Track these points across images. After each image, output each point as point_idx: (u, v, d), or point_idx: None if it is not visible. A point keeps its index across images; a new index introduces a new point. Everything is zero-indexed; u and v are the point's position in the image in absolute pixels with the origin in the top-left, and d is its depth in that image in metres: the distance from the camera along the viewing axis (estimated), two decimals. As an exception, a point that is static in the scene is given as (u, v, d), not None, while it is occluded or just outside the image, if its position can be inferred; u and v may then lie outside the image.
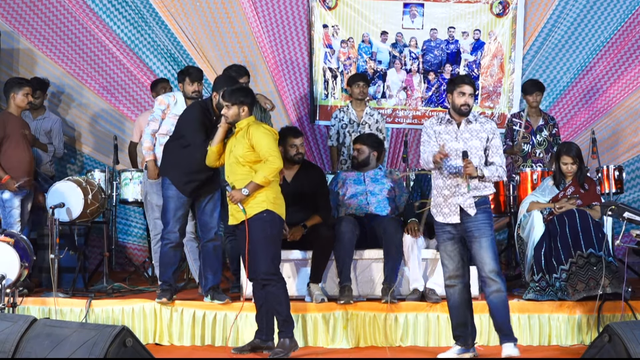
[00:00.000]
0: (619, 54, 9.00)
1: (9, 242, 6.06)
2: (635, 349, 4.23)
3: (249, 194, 5.63)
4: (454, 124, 5.53)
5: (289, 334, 5.71)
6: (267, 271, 5.66)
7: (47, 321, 4.43)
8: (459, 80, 5.56)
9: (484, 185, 5.48)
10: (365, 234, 6.62)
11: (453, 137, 5.49)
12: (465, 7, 9.08)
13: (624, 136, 8.96)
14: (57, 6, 8.87)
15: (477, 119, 5.56)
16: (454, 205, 5.47)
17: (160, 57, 8.95)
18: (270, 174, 5.62)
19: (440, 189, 5.53)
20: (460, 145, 5.45)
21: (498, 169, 5.46)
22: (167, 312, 6.34)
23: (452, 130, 5.51)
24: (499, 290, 5.45)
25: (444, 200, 5.51)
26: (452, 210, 5.48)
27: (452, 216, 5.48)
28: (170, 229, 6.27)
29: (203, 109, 6.21)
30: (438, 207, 5.55)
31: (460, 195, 5.44)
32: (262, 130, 5.71)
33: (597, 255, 6.29)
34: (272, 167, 5.62)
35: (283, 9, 9.02)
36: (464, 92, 5.45)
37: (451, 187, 5.47)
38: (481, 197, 5.48)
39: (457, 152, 5.44)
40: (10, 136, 6.97)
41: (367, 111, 8.09)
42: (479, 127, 5.50)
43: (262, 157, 5.64)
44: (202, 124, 6.16)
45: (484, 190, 5.49)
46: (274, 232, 5.70)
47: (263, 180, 5.61)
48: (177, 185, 6.24)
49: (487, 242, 5.43)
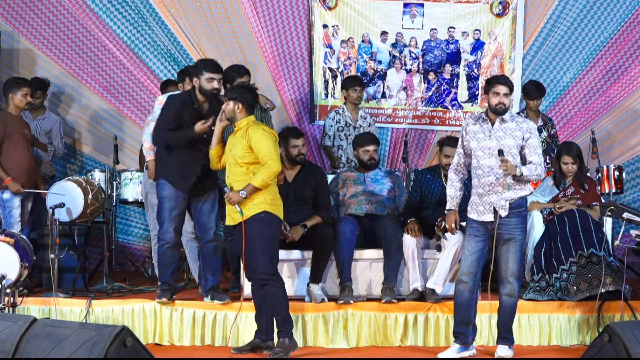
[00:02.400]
0: (619, 54, 9.00)
1: (9, 242, 6.06)
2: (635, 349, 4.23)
3: (247, 196, 5.63)
4: (489, 123, 5.60)
5: (288, 333, 5.71)
6: (265, 271, 5.66)
7: (47, 321, 4.43)
8: (494, 80, 5.65)
9: (520, 187, 5.54)
10: (365, 234, 6.63)
11: (487, 136, 5.57)
12: (465, 7, 9.08)
13: (624, 136, 8.96)
14: (57, 6, 8.87)
15: (514, 118, 5.63)
16: (489, 204, 5.55)
17: (160, 57, 8.94)
18: (268, 178, 5.62)
19: (476, 187, 5.62)
20: (493, 143, 5.53)
21: (537, 168, 5.53)
22: (167, 312, 6.34)
23: (486, 129, 5.60)
24: (512, 294, 5.62)
25: (479, 198, 5.59)
26: (487, 208, 5.56)
27: (486, 214, 5.56)
28: (165, 229, 6.23)
29: (181, 101, 6.16)
30: (473, 205, 5.64)
31: (495, 194, 5.52)
32: (261, 131, 5.69)
33: (599, 255, 6.30)
34: (270, 170, 5.61)
35: (283, 9, 9.02)
36: (498, 92, 5.54)
37: (485, 185, 5.55)
38: (517, 200, 5.54)
39: (491, 151, 5.52)
40: (10, 136, 6.98)
41: (361, 114, 8.09)
42: (514, 126, 5.57)
43: (261, 159, 5.63)
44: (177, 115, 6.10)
45: (521, 192, 5.55)
46: (271, 233, 5.70)
47: (261, 183, 5.61)
48: (173, 183, 6.19)
49: (515, 247, 5.55)
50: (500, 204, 5.51)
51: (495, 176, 5.51)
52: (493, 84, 5.58)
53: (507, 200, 5.51)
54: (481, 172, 5.58)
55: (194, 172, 6.18)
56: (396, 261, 6.42)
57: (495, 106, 5.55)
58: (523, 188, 5.56)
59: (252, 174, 5.66)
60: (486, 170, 5.55)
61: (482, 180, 5.57)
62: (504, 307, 5.68)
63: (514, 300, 5.67)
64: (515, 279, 5.60)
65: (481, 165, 5.58)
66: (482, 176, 5.57)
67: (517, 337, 6.28)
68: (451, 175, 5.78)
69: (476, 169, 5.63)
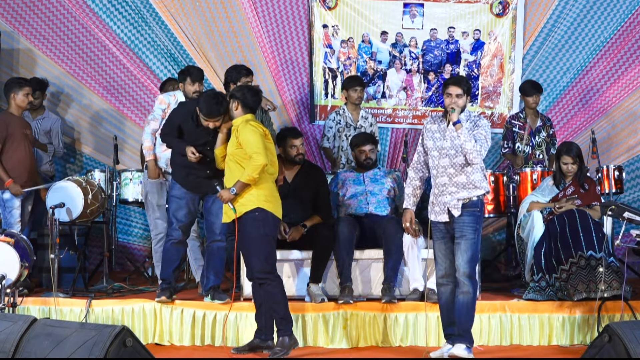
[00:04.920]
0: (619, 55, 9.00)
1: (9, 242, 6.06)
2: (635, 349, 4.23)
3: (237, 192, 5.64)
4: (445, 123, 5.62)
5: (288, 331, 5.71)
6: (261, 270, 5.66)
7: (47, 321, 4.42)
8: (446, 81, 5.70)
9: (473, 185, 5.52)
10: (365, 234, 6.62)
11: (442, 136, 5.59)
12: (465, 7, 9.08)
13: (623, 136, 8.96)
14: (57, 6, 8.87)
15: (470, 118, 5.61)
16: (443, 204, 5.54)
17: (160, 57, 8.94)
18: (254, 172, 5.60)
19: (432, 188, 5.63)
20: (448, 144, 5.54)
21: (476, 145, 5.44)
22: (167, 312, 6.34)
23: (442, 129, 5.61)
24: (466, 292, 5.52)
25: (435, 198, 5.60)
26: (442, 209, 5.56)
27: (442, 215, 5.56)
28: (173, 227, 6.33)
29: (185, 113, 6.25)
30: (431, 205, 5.65)
31: (448, 194, 5.52)
32: (249, 127, 5.69)
33: (597, 258, 6.30)
34: (255, 164, 5.60)
35: (283, 9, 9.02)
36: (450, 92, 5.56)
37: (439, 186, 5.55)
38: (470, 200, 5.52)
39: (445, 151, 5.54)
40: (11, 136, 6.98)
41: (362, 114, 8.09)
42: (469, 126, 5.57)
43: (248, 154, 5.64)
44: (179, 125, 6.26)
45: (473, 191, 5.53)
46: (266, 231, 5.68)
47: (248, 178, 5.61)
48: (178, 180, 6.31)
49: (466, 245, 5.50)
50: (453, 203, 5.51)
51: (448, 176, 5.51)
52: (445, 84, 5.63)
53: (460, 200, 5.50)
54: (436, 172, 5.58)
55: (199, 173, 6.23)
56: (396, 261, 6.42)
57: (447, 107, 5.57)
58: (477, 187, 5.51)
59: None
60: (441, 171, 5.55)
61: (437, 180, 5.57)
62: (460, 305, 5.54)
63: (470, 297, 5.52)
64: (466, 277, 5.49)
65: (436, 165, 5.58)
66: (437, 176, 5.58)
67: (517, 337, 6.29)
68: (410, 173, 5.77)
69: (432, 168, 5.63)
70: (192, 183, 6.29)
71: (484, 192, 5.58)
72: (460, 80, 5.71)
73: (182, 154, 6.20)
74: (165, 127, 6.43)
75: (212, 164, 6.14)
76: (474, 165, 5.51)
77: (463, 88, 5.56)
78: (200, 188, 6.31)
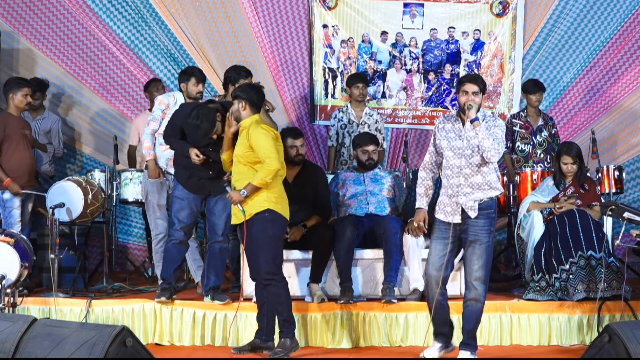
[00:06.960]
0: (619, 54, 9.00)
1: (9, 242, 6.07)
2: (635, 349, 4.23)
3: (247, 195, 5.63)
4: (460, 123, 5.54)
5: (290, 333, 5.71)
6: (268, 271, 5.66)
7: (47, 321, 4.42)
8: (461, 79, 5.59)
9: (489, 186, 5.46)
10: (365, 234, 6.62)
11: (457, 136, 5.51)
12: (465, 7, 9.08)
13: (624, 136, 8.96)
14: (57, 6, 8.87)
15: (485, 118, 5.51)
16: (456, 205, 5.47)
17: (160, 57, 8.95)
18: (267, 176, 5.60)
19: (445, 188, 5.54)
20: (464, 144, 5.46)
21: (493, 142, 5.33)
22: (167, 312, 6.34)
23: (457, 129, 5.53)
24: (477, 299, 5.46)
25: (448, 199, 5.51)
26: (455, 209, 5.48)
27: (454, 215, 5.48)
28: (175, 228, 6.35)
29: (186, 115, 6.24)
30: (441, 205, 5.56)
31: (463, 195, 5.44)
32: (260, 130, 5.67)
33: (597, 258, 6.30)
34: (268, 169, 5.59)
35: (283, 9, 9.02)
36: (466, 90, 5.46)
37: (454, 186, 5.48)
38: (485, 201, 5.45)
39: (460, 151, 5.46)
40: (10, 137, 6.98)
41: (366, 111, 8.08)
42: (484, 126, 5.47)
43: (260, 158, 5.63)
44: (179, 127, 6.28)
45: (489, 192, 5.46)
46: (275, 232, 5.68)
47: (260, 182, 5.60)
48: (180, 181, 6.33)
49: (481, 250, 5.43)
50: (469, 204, 5.43)
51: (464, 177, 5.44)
52: (461, 82, 5.52)
53: (476, 201, 5.43)
54: (450, 172, 5.50)
55: (202, 175, 6.25)
56: (396, 261, 6.42)
57: (463, 105, 5.48)
58: (492, 188, 5.46)
59: (256, 172, 5.66)
60: (455, 171, 5.47)
61: (452, 180, 5.49)
62: (469, 313, 5.50)
63: (480, 305, 5.49)
64: (480, 283, 5.43)
65: (450, 165, 5.50)
66: (451, 177, 5.50)
67: (517, 337, 6.29)
68: (421, 173, 5.69)
69: (445, 168, 5.54)
70: (194, 184, 6.30)
71: (498, 193, 5.53)
72: (477, 77, 5.60)
73: (185, 155, 6.21)
74: (167, 129, 6.44)
75: (215, 166, 6.14)
76: (490, 165, 5.45)
77: (479, 85, 5.48)
78: (203, 189, 6.32)
